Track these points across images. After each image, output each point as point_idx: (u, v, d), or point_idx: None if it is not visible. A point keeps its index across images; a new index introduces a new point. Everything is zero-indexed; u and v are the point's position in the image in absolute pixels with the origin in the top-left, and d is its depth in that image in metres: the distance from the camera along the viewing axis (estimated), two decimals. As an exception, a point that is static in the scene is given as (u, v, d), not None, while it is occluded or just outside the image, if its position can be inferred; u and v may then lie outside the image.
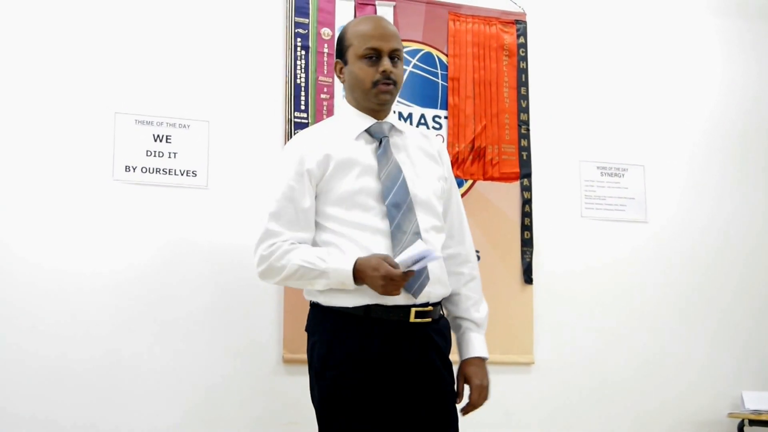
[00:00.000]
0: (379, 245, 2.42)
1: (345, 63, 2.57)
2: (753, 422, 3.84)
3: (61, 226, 3.19)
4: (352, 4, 3.67)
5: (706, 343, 4.04)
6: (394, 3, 3.72)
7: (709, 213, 4.14)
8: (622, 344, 3.87)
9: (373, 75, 2.50)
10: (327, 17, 3.62)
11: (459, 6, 3.84)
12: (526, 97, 3.87)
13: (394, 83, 2.53)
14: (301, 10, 3.58)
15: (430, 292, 2.48)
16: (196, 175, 3.39)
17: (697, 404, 3.97)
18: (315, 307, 2.54)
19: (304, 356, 3.33)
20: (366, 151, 2.53)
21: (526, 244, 3.77)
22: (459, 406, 2.63)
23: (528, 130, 3.85)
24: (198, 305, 3.31)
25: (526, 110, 3.86)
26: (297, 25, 3.57)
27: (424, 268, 2.41)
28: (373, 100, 2.53)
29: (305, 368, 3.38)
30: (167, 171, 3.35)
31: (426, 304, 2.47)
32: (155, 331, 3.24)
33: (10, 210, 3.15)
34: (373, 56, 2.51)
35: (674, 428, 3.92)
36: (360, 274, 2.35)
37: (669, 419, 3.91)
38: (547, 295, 3.77)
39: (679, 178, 4.13)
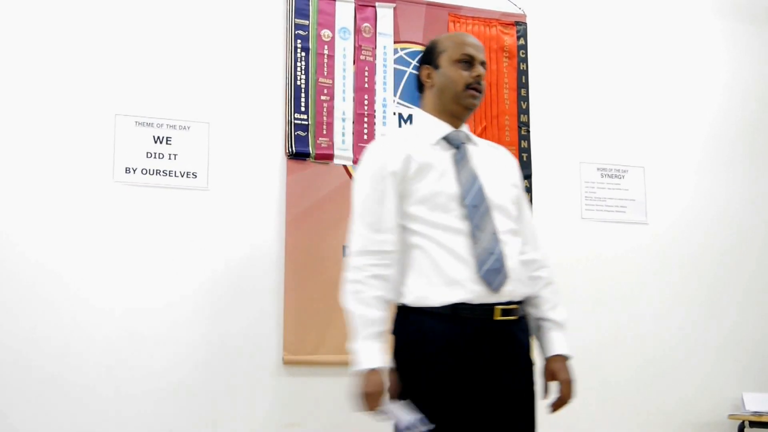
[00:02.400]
0: (460, 245, 2.47)
1: (436, 67, 2.63)
2: (753, 424, 3.84)
3: (62, 227, 3.20)
4: (352, 5, 3.67)
5: (707, 344, 4.04)
6: (394, 4, 3.73)
7: (709, 215, 4.14)
8: (623, 346, 3.87)
9: (467, 78, 2.59)
10: (327, 19, 3.62)
11: (459, 7, 3.84)
12: (526, 99, 3.88)
13: (481, 91, 2.63)
14: (301, 11, 3.59)
15: (513, 291, 2.52)
16: (196, 176, 3.39)
17: (697, 406, 3.97)
18: (400, 309, 2.57)
19: (305, 357, 3.37)
20: (444, 157, 2.58)
21: (527, 245, 3.77)
22: (546, 402, 2.62)
23: (528, 131, 3.85)
24: (198, 306, 3.31)
25: (526, 112, 3.86)
26: (297, 26, 3.58)
27: (502, 265, 2.47)
28: (462, 102, 2.61)
29: (306, 369, 3.41)
30: (167, 173, 3.35)
31: (510, 303, 2.51)
32: (155, 333, 3.24)
33: (11, 212, 3.15)
34: (468, 61, 2.60)
35: (674, 430, 3.91)
36: (362, 377, 2.46)
37: (669, 421, 3.91)
38: (547, 296, 3.77)
39: (680, 179, 4.13)
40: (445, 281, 2.46)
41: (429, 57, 2.67)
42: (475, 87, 2.60)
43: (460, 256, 2.46)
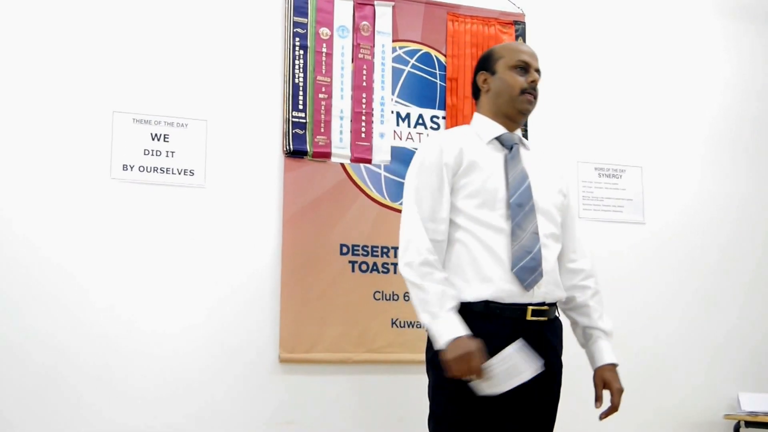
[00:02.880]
0: (500, 243, 2.54)
1: (492, 73, 2.72)
2: (749, 424, 3.84)
3: (59, 224, 3.19)
4: (351, 3, 3.67)
5: (704, 344, 4.04)
6: (393, 3, 3.72)
7: (707, 215, 4.15)
8: (619, 345, 3.79)
9: (523, 83, 2.67)
10: (325, 17, 3.62)
11: (458, 6, 3.84)
12: (524, 98, 3.87)
13: (536, 97, 2.70)
14: (299, 9, 3.59)
15: (547, 293, 2.58)
16: (193, 174, 3.39)
17: (693, 405, 3.97)
18: None
19: (301, 355, 3.38)
20: (495, 157, 2.65)
21: (524, 244, 3.77)
22: (599, 410, 2.70)
23: (526, 130, 3.84)
24: (195, 304, 3.31)
25: (524, 111, 3.85)
26: (295, 24, 3.57)
27: (538, 264, 2.52)
28: (518, 106, 2.68)
29: (302, 367, 3.41)
30: (165, 170, 3.35)
31: (542, 304, 2.57)
32: (151, 330, 3.24)
33: (8, 208, 3.15)
34: (524, 67, 2.68)
35: (671, 430, 3.92)
36: (453, 344, 2.42)
37: (665, 421, 3.92)
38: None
39: (677, 179, 4.13)
40: (480, 278, 2.52)
41: (486, 64, 2.76)
42: (530, 92, 2.67)
43: (497, 254, 2.53)
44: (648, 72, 4.16)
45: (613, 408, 2.70)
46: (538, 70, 2.70)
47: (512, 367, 2.41)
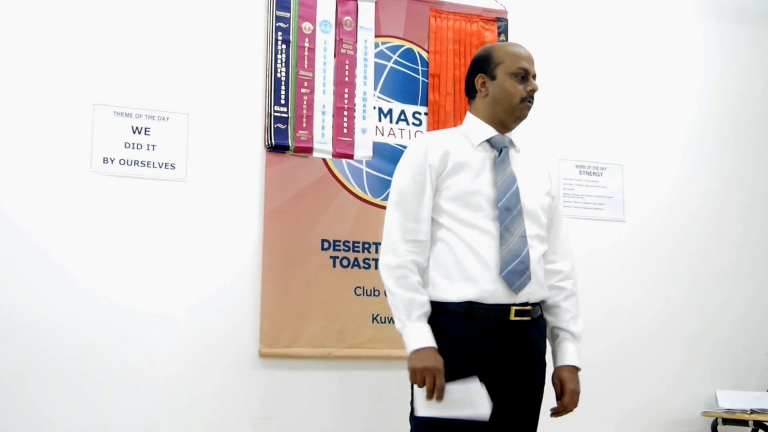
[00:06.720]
0: (486, 245, 2.55)
1: (492, 78, 2.71)
2: (726, 421, 3.86)
3: (38, 217, 3.17)
4: (334, -1, 3.68)
5: (682, 342, 4.06)
6: (375, -1, 3.73)
7: (686, 213, 4.17)
8: (598, 343, 3.87)
9: (522, 92, 2.68)
10: (308, 11, 3.61)
11: (440, 3, 3.84)
12: (506, 95, 3.87)
13: (533, 104, 2.73)
14: (282, 4, 3.58)
15: (531, 293, 2.59)
16: (174, 167, 3.38)
17: (671, 403, 4.00)
18: None
19: (281, 350, 3.38)
20: (484, 159, 2.66)
21: (505, 241, 3.78)
22: (549, 408, 2.68)
23: (508, 127, 3.85)
24: (175, 299, 3.30)
25: (506, 108, 3.86)
26: (278, 19, 3.57)
27: (526, 268, 2.54)
28: (516, 114, 2.70)
29: (282, 362, 3.40)
30: (145, 163, 3.34)
31: (526, 304, 2.58)
32: (132, 324, 3.23)
33: (-14, 200, 3.13)
34: (523, 75, 2.69)
35: (649, 427, 3.94)
36: (418, 354, 2.46)
37: (644, 417, 3.94)
38: (524, 292, 3.78)
39: (658, 177, 4.15)
40: (464, 278, 2.54)
41: (484, 66, 2.74)
42: (529, 101, 2.69)
43: (482, 256, 2.54)
44: (629, 70, 4.18)
45: (563, 408, 2.70)
46: (535, 76, 2.72)
47: (468, 399, 2.42)
